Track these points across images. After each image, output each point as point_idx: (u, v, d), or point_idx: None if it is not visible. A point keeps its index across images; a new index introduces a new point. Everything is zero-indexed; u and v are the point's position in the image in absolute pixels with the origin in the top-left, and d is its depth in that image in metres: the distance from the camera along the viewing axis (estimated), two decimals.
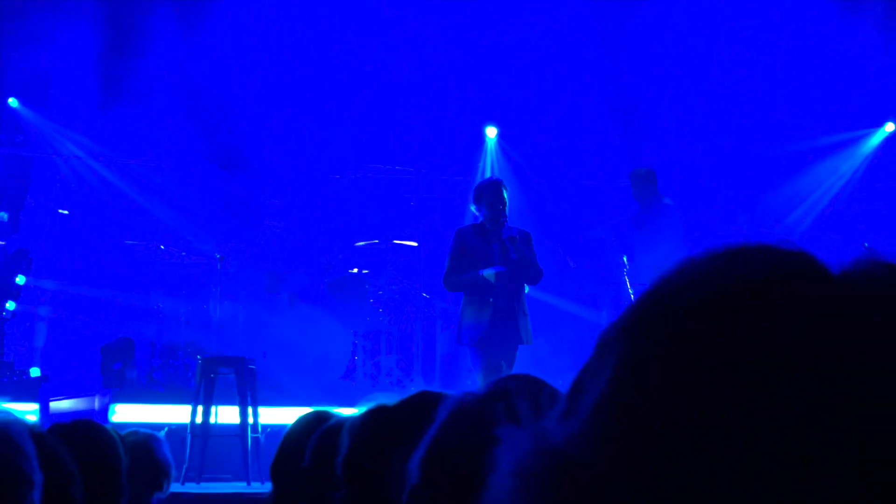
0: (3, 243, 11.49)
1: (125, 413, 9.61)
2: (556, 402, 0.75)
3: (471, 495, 1.23)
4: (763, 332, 0.69)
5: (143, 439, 4.78)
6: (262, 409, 9.13)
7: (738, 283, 0.72)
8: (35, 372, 11.70)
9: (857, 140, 13.99)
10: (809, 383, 0.67)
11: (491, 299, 8.51)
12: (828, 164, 13.88)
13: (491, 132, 13.27)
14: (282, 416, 9.00)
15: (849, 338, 0.69)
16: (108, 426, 4.28)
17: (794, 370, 0.67)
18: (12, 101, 13.04)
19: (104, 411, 9.65)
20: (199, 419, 9.00)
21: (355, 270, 11.90)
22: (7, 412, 2.18)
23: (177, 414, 9.58)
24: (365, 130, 13.72)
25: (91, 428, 3.58)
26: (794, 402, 0.67)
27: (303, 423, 3.72)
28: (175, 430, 8.62)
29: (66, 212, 12.59)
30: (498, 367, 8.42)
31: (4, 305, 11.47)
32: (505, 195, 8.53)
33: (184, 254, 11.73)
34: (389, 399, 2.29)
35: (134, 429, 4.94)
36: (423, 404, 2.13)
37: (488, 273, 8.46)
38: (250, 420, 8.95)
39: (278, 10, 13.67)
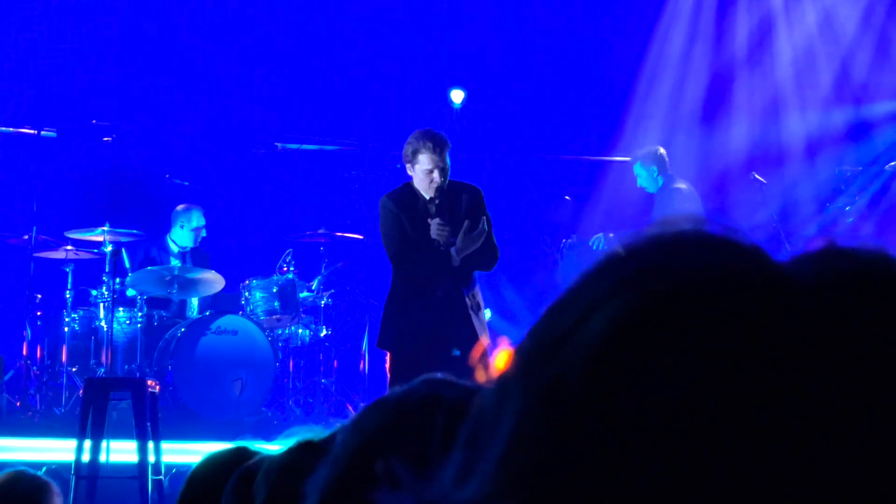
0: None
1: None
2: (449, 451, 0.78)
3: None
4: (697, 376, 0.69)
5: (32, 489, 4.78)
6: (165, 445, 9.11)
7: (657, 307, 0.72)
8: None
9: None
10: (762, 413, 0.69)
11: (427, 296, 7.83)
12: None
13: (457, 96, 13.00)
14: (190, 453, 9.21)
15: (809, 344, 0.71)
16: None
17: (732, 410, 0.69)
18: None
19: None
20: (85, 456, 8.74)
21: (286, 269, 11.44)
22: None
23: (58, 449, 9.68)
24: (292, 98, 13.67)
25: None
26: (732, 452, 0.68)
27: (215, 462, 3.35)
28: (55, 471, 8.56)
29: None
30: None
31: None
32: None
33: (68, 247, 11.12)
34: (315, 433, 2.19)
35: (20, 469, 4.90)
36: None
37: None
38: (151, 458, 8.88)
39: None
